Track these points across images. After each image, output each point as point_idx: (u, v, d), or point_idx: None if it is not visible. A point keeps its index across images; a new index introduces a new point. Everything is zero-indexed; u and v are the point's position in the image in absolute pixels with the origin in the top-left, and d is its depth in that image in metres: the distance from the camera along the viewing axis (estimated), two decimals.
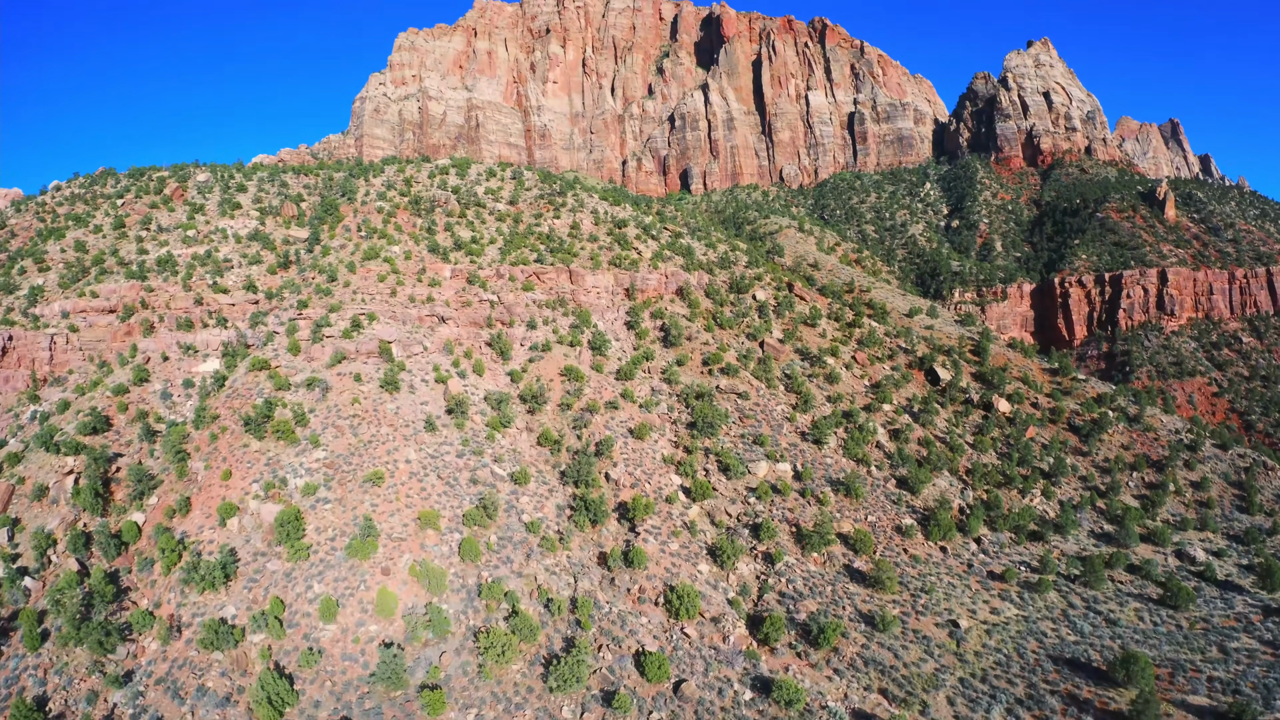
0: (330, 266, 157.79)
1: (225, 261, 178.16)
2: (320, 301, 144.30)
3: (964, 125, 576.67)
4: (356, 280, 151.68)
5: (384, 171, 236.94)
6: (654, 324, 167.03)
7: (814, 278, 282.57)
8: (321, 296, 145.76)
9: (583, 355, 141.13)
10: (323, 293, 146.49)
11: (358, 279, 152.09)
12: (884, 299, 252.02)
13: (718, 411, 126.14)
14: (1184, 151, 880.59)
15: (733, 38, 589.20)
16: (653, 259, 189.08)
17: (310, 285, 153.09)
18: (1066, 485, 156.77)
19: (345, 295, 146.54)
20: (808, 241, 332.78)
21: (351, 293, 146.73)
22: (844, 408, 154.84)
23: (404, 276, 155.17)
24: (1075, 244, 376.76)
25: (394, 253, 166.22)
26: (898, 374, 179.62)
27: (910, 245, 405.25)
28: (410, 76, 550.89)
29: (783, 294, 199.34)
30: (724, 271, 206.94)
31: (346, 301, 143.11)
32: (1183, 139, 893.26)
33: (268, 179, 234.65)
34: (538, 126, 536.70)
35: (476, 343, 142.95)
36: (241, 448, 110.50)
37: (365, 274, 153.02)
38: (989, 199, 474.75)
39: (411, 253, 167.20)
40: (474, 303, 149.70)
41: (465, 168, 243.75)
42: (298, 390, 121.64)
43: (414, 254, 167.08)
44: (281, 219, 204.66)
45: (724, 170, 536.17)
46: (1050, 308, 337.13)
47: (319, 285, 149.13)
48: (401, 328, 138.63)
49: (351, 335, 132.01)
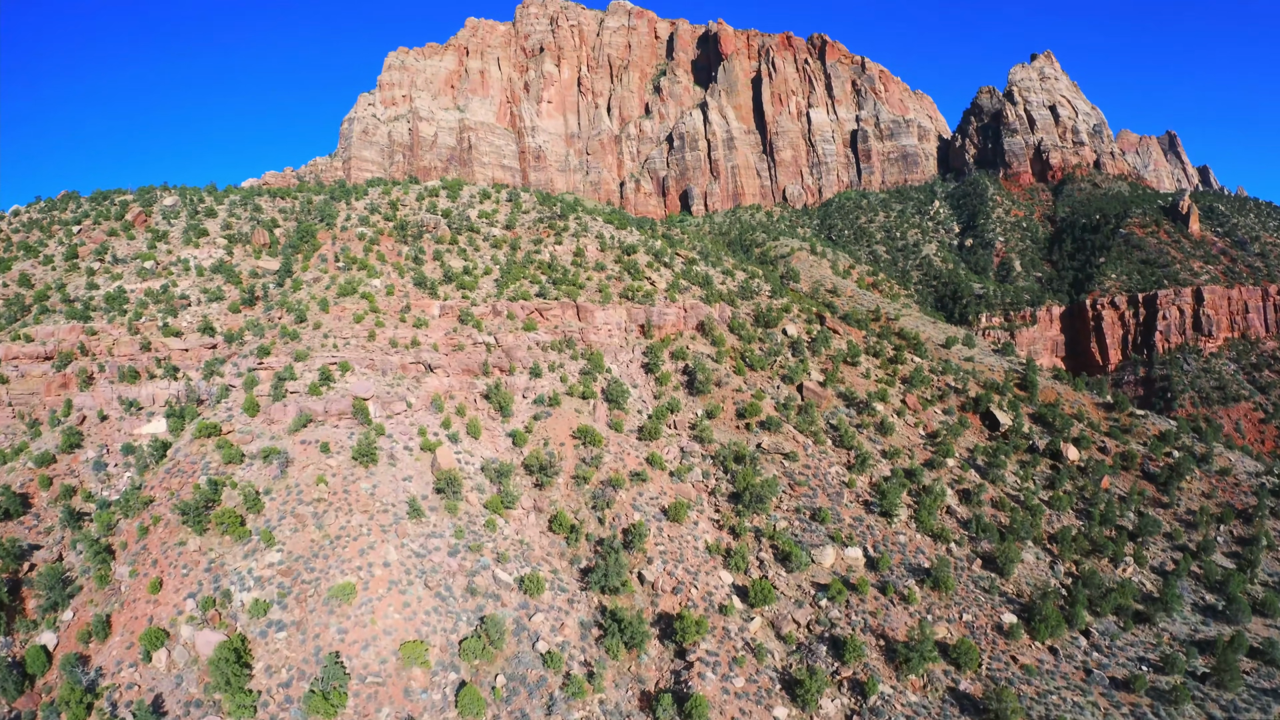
0: (299, 304, 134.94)
1: (182, 299, 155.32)
2: (285, 348, 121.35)
3: (969, 141, 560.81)
4: (329, 321, 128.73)
5: (367, 194, 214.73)
6: (675, 366, 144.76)
7: (835, 305, 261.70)
8: (287, 341, 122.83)
9: (598, 410, 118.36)
10: (289, 336, 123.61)
11: (330, 319, 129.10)
12: (915, 327, 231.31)
13: (767, 482, 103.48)
14: (1183, 163, 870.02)
15: (731, 55, 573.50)
16: (668, 290, 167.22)
17: (275, 327, 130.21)
18: (1154, 546, 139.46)
19: (315, 339, 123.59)
20: (821, 265, 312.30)
21: (323, 336, 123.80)
22: (903, 465, 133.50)
23: (385, 316, 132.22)
24: (1100, 262, 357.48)
25: (374, 287, 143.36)
26: (952, 419, 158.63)
27: (925, 266, 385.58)
28: (400, 97, 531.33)
29: (814, 327, 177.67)
30: (747, 302, 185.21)
31: (315, 348, 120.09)
32: (1180, 150, 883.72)
33: (240, 203, 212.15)
34: (532, 148, 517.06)
35: (470, 395, 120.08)
36: (177, 546, 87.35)
37: (339, 313, 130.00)
38: (1002, 216, 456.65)
39: (395, 287, 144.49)
40: (467, 346, 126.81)
41: (457, 189, 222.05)
42: (252, 464, 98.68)
43: (397, 288, 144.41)
44: (251, 248, 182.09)
45: (725, 191, 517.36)
46: (1082, 331, 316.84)
47: (285, 327, 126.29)
48: (381, 379, 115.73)
49: (320, 391, 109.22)
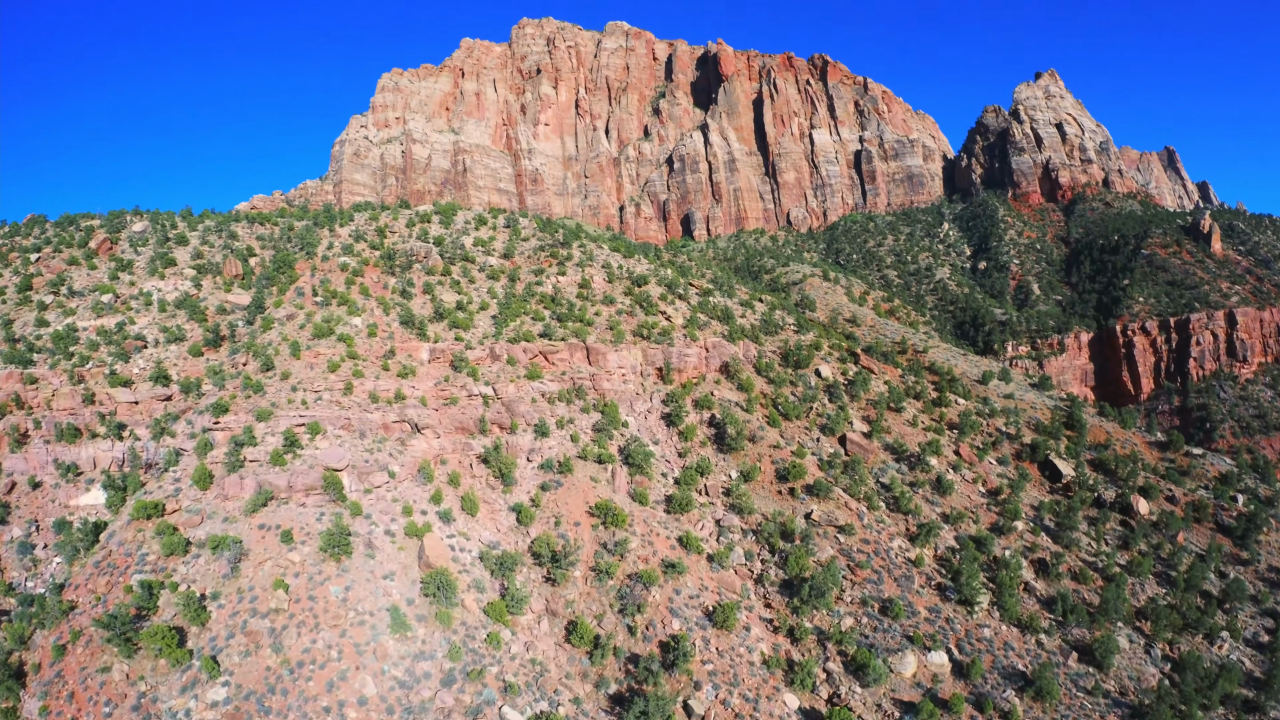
0: (267, 348, 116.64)
1: (137, 339, 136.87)
2: (246, 403, 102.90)
3: (976, 161, 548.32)
4: (300, 369, 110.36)
5: (353, 220, 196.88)
6: (701, 417, 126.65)
7: (856, 335, 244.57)
8: (249, 395, 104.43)
9: (617, 477, 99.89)
10: (252, 389, 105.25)
11: (301, 367, 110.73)
12: (945, 361, 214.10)
13: (826, 571, 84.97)
14: (1182, 179, 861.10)
15: (731, 76, 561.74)
16: (686, 326, 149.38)
17: (238, 376, 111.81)
18: (1243, 613, 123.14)
19: (282, 393, 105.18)
20: (835, 292, 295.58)
21: (290, 389, 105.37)
22: (969, 531, 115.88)
23: (365, 363, 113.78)
24: (1125, 285, 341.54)
25: (354, 327, 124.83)
26: (1009, 469, 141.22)
27: (940, 291, 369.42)
28: (394, 118, 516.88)
29: (849, 367, 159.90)
30: (771, 338, 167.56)
31: (281, 404, 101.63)
32: (1179, 166, 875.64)
33: (214, 229, 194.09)
34: (529, 170, 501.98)
35: (465, 459, 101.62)
36: (99, 673, 68.68)
37: (313, 359, 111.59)
38: (1014, 238, 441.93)
39: (378, 326, 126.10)
40: (461, 399, 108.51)
41: (450, 215, 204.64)
42: (198, 556, 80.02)
43: (381, 327, 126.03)
44: (222, 279, 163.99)
45: (727, 214, 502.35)
46: (1112, 359, 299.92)
47: (248, 378, 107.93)
48: (358, 443, 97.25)
49: (284, 460, 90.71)
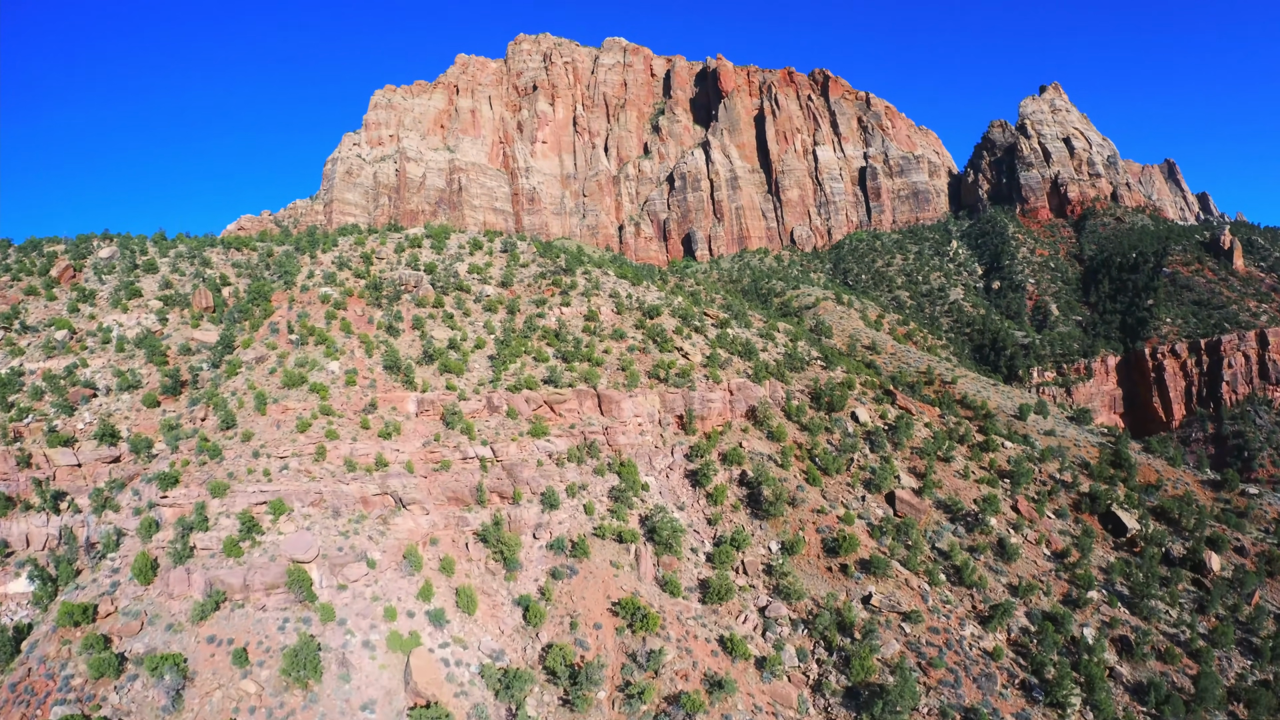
0: (229, 401, 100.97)
1: (88, 386, 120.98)
2: (201, 472, 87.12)
3: (983, 176, 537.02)
4: (265, 428, 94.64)
5: (337, 245, 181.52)
6: (730, 473, 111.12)
7: (877, 364, 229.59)
8: (205, 462, 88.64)
9: (642, 561, 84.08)
10: (209, 453, 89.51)
11: (267, 425, 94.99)
12: (977, 393, 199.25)
13: (903, 684, 69.10)
14: (1183, 191, 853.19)
15: (732, 92, 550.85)
16: (708, 365, 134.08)
17: (193, 436, 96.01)
18: None
19: (242, 459, 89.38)
20: (850, 316, 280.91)
21: (253, 453, 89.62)
22: (1040, 605, 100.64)
23: (341, 419, 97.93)
24: (1149, 305, 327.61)
25: (330, 373, 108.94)
26: (1070, 523, 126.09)
27: (955, 312, 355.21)
28: (387, 136, 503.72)
29: (886, 408, 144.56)
30: (798, 375, 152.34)
31: (241, 474, 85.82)
32: (1180, 178, 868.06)
33: (187, 255, 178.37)
34: (526, 189, 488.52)
35: (459, 538, 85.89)
36: None
37: (281, 415, 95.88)
38: (1027, 256, 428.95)
39: (357, 373, 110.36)
40: (454, 463, 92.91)
41: (443, 239, 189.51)
42: (134, 678, 64.35)
43: (362, 373, 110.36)
44: (190, 313, 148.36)
45: (730, 234, 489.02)
46: (1141, 383, 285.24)
47: (203, 439, 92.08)
48: (330, 524, 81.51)
49: (240, 549, 74.95)
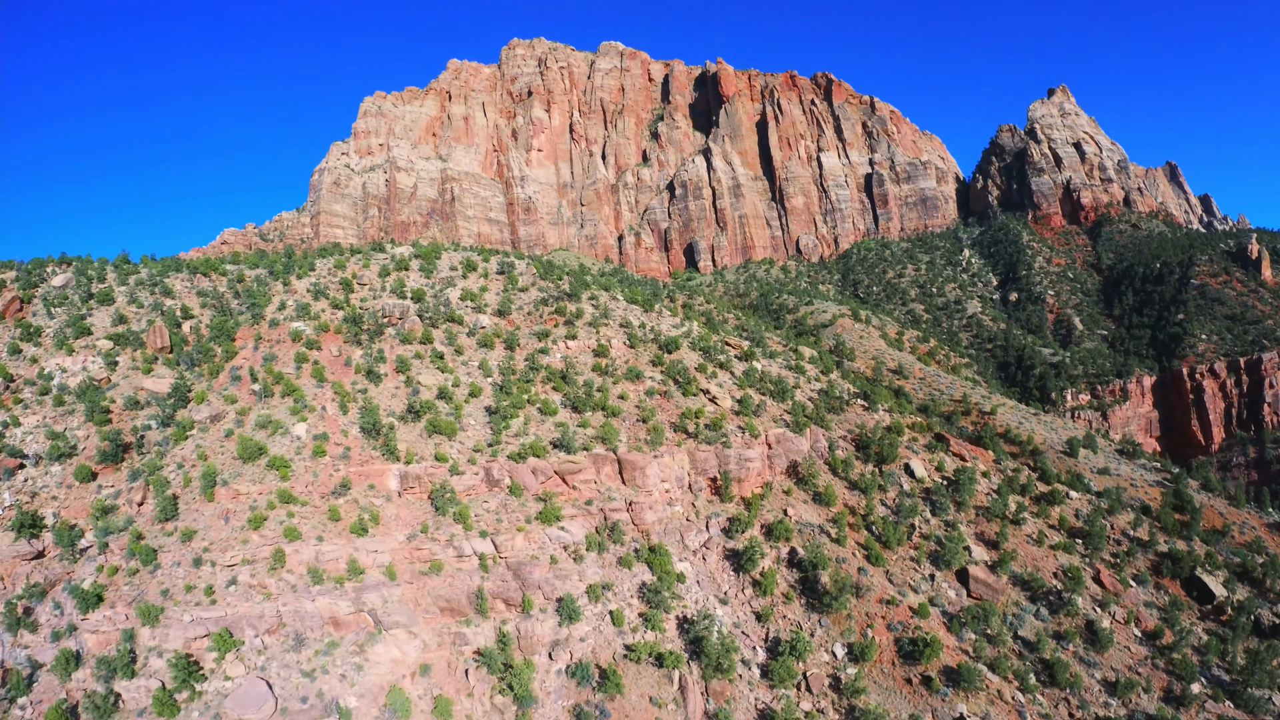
0: (175, 477, 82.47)
1: (14, 455, 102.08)
2: (131, 585, 68.71)
3: (992, 182, 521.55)
4: (211, 519, 76.05)
5: (314, 269, 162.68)
6: (777, 552, 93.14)
7: (905, 390, 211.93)
8: (137, 570, 70.16)
9: (689, 696, 65.73)
10: (141, 558, 71.01)
11: (214, 516, 76.39)
12: (1019, 425, 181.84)
13: None
14: (1186, 194, 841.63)
15: (733, 97, 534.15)
16: (740, 412, 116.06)
17: (125, 529, 77.42)
18: None
19: (181, 567, 70.80)
20: (870, 334, 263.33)
21: (194, 560, 71.09)
22: (1145, 707, 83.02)
23: (306, 508, 79.16)
24: (1180, 319, 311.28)
25: (296, 439, 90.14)
26: (1151, 591, 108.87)
27: (975, 327, 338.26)
28: (377, 145, 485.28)
29: (940, 457, 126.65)
30: (837, 418, 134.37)
31: (178, 590, 67.38)
32: (1182, 181, 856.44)
33: (148, 282, 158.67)
34: (521, 199, 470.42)
35: (456, 663, 67.66)
36: None
37: (232, 502, 77.39)
38: (1044, 265, 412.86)
39: (329, 437, 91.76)
40: (447, 563, 74.34)
41: (433, 258, 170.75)
42: None
43: (333, 438, 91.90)
44: (143, 355, 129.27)
45: (733, 244, 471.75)
46: (1178, 405, 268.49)
47: (137, 536, 73.64)
48: (292, 660, 63.19)
49: (175, 704, 56.49)
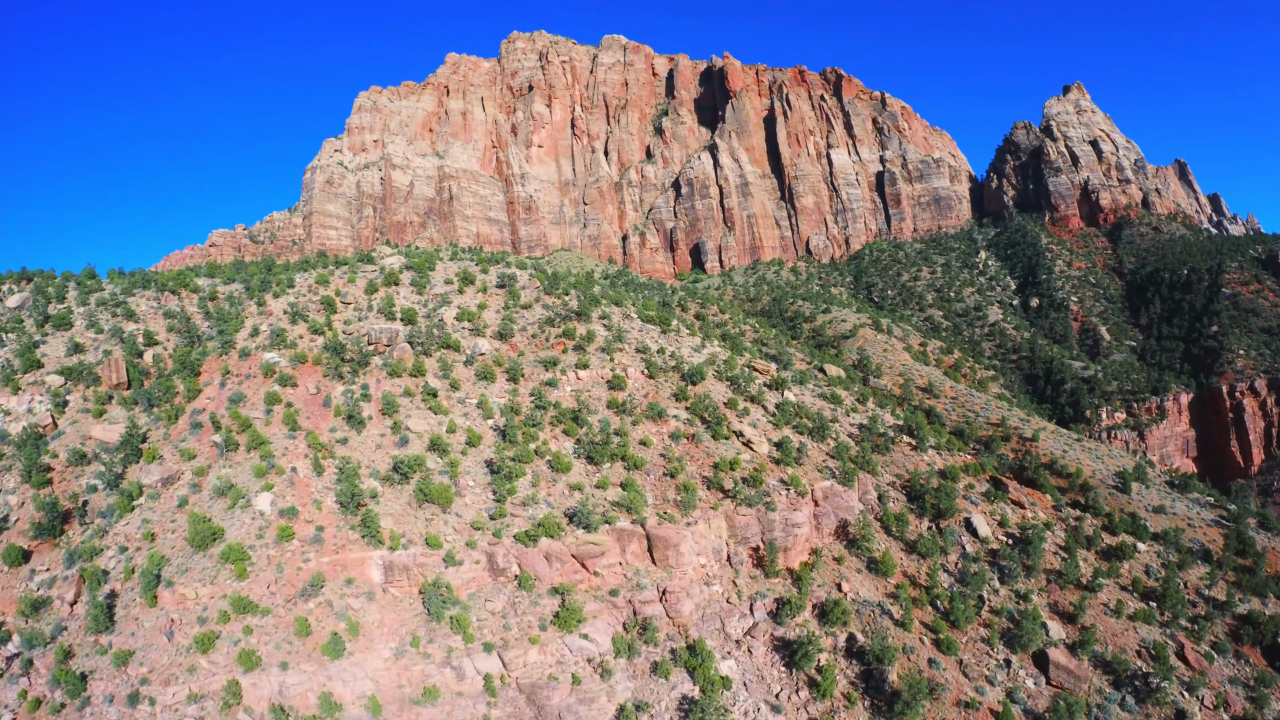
0: (115, 567, 67.21)
1: None
2: None
3: (1007, 182, 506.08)
4: (152, 634, 60.54)
5: (294, 285, 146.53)
6: (834, 639, 78.37)
7: (936, 410, 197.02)
8: (62, 706, 54.99)
9: None
10: (69, 688, 55.76)
11: (155, 630, 60.79)
12: (1062, 452, 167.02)
13: None
14: (1195, 193, 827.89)
15: (740, 92, 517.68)
16: (779, 459, 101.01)
17: (51, 645, 62.15)
18: None
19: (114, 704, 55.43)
20: (894, 347, 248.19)
21: (128, 694, 55.47)
22: None
23: (267, 620, 63.34)
24: (1214, 330, 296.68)
25: (258, 516, 74.46)
26: (1236, 666, 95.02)
27: (998, 335, 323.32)
28: (371, 142, 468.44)
29: (999, 507, 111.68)
30: (883, 458, 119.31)
31: None
32: (1192, 180, 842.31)
33: (110, 302, 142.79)
34: (522, 197, 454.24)
35: None
36: None
37: (179, 608, 61.80)
38: (1064, 269, 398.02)
39: (298, 513, 76.03)
40: (444, 689, 58.49)
41: (426, 270, 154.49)
42: None
43: (304, 513, 76.18)
44: (96, 392, 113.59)
45: (741, 244, 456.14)
46: (1216, 424, 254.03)
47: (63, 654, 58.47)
48: None
49: None
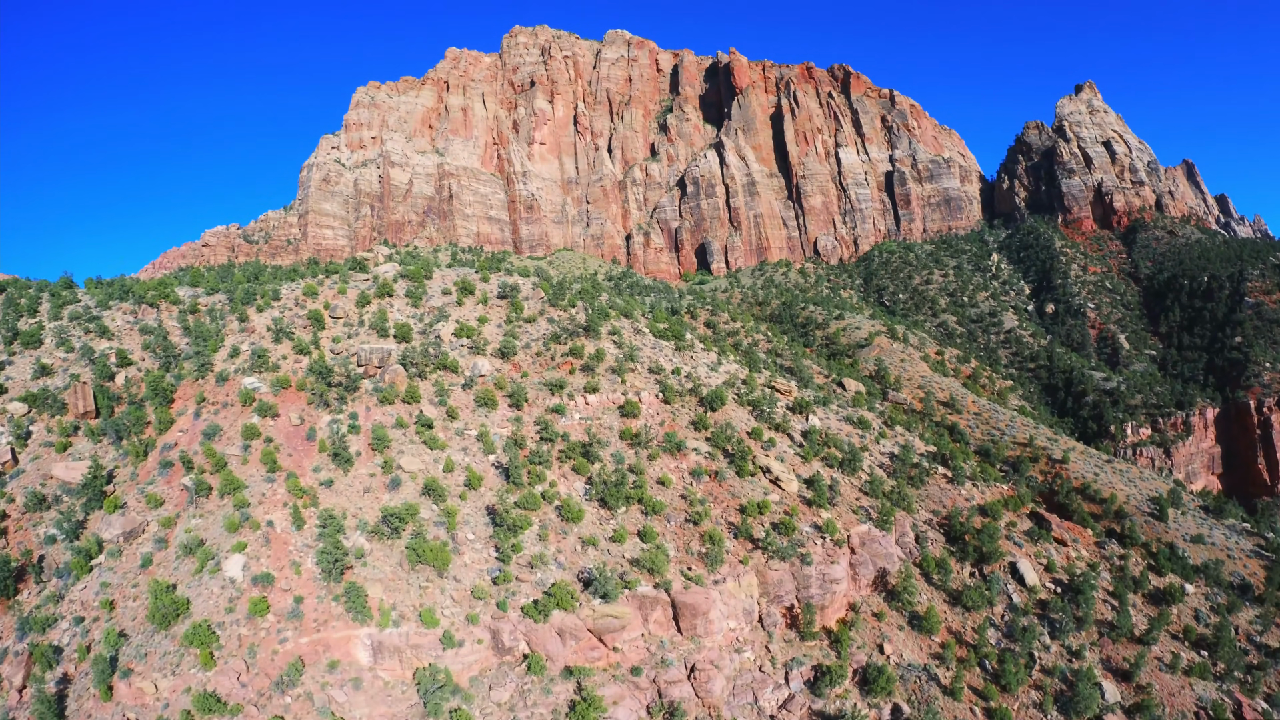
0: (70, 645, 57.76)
1: None
2: None
3: (1019, 183, 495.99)
4: None
5: (279, 298, 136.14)
6: (877, 712, 69.43)
7: (960, 428, 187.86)
8: None
9: None
10: None
11: None
12: (1093, 475, 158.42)
13: None
14: (1202, 194, 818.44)
15: (746, 89, 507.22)
16: (811, 500, 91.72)
17: None
18: None
19: None
20: (911, 357, 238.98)
21: None
22: None
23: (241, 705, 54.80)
24: (1237, 341, 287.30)
25: (227, 584, 65.06)
26: None
27: (1014, 343, 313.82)
28: (369, 138, 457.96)
29: (1043, 548, 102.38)
30: (918, 492, 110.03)
31: None
32: (1199, 180, 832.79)
33: (84, 317, 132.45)
34: (524, 196, 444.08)
35: None
36: None
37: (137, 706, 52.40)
38: (1079, 274, 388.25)
39: (274, 581, 66.59)
40: None
41: (422, 279, 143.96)
42: None
43: (281, 578, 66.63)
44: (60, 423, 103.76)
45: (748, 244, 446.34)
46: (1242, 440, 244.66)
47: None
48: None
49: None
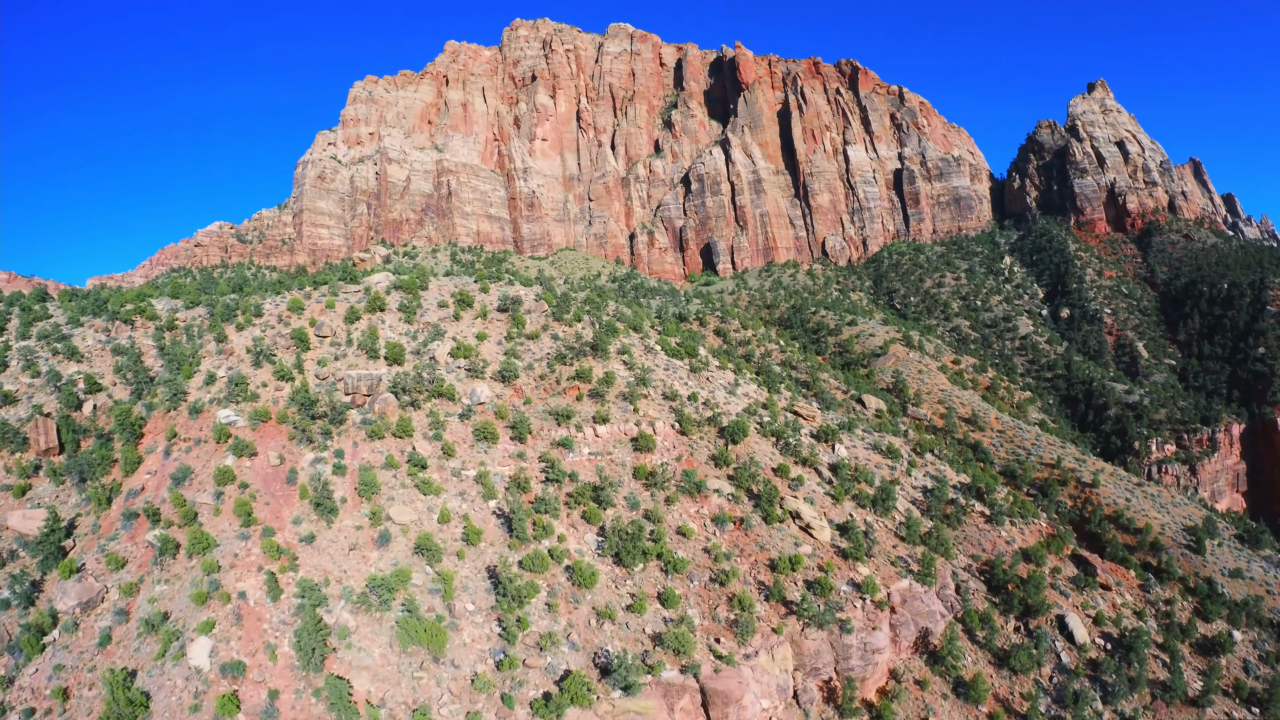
0: None
1: None
2: None
3: (1030, 182, 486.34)
4: None
5: (262, 314, 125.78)
6: None
7: (983, 446, 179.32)
8: None
9: None
10: None
11: None
12: (1125, 501, 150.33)
13: None
14: (1210, 193, 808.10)
15: (752, 84, 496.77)
16: (847, 552, 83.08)
17: None
18: None
19: None
20: (929, 367, 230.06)
21: None
22: None
23: None
24: (1260, 352, 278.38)
25: (193, 673, 56.51)
26: None
27: (1030, 350, 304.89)
28: (366, 134, 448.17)
29: (1093, 599, 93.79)
30: (955, 533, 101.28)
31: None
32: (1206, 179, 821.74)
33: (54, 335, 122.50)
34: (524, 193, 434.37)
35: None
36: None
37: None
38: (1094, 278, 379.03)
39: (243, 675, 57.41)
40: None
41: (417, 290, 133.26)
42: None
43: (254, 668, 58.08)
44: (19, 462, 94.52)
45: (754, 244, 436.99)
46: (1267, 457, 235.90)
47: None
48: None
49: None
